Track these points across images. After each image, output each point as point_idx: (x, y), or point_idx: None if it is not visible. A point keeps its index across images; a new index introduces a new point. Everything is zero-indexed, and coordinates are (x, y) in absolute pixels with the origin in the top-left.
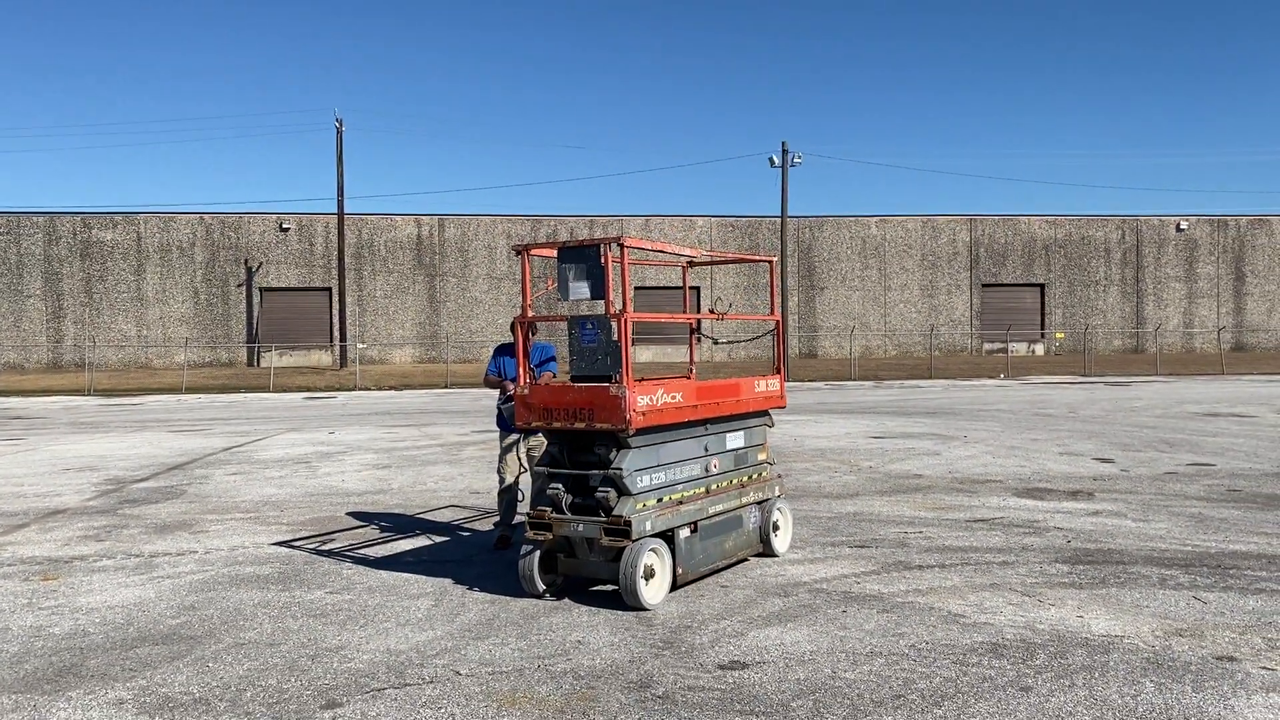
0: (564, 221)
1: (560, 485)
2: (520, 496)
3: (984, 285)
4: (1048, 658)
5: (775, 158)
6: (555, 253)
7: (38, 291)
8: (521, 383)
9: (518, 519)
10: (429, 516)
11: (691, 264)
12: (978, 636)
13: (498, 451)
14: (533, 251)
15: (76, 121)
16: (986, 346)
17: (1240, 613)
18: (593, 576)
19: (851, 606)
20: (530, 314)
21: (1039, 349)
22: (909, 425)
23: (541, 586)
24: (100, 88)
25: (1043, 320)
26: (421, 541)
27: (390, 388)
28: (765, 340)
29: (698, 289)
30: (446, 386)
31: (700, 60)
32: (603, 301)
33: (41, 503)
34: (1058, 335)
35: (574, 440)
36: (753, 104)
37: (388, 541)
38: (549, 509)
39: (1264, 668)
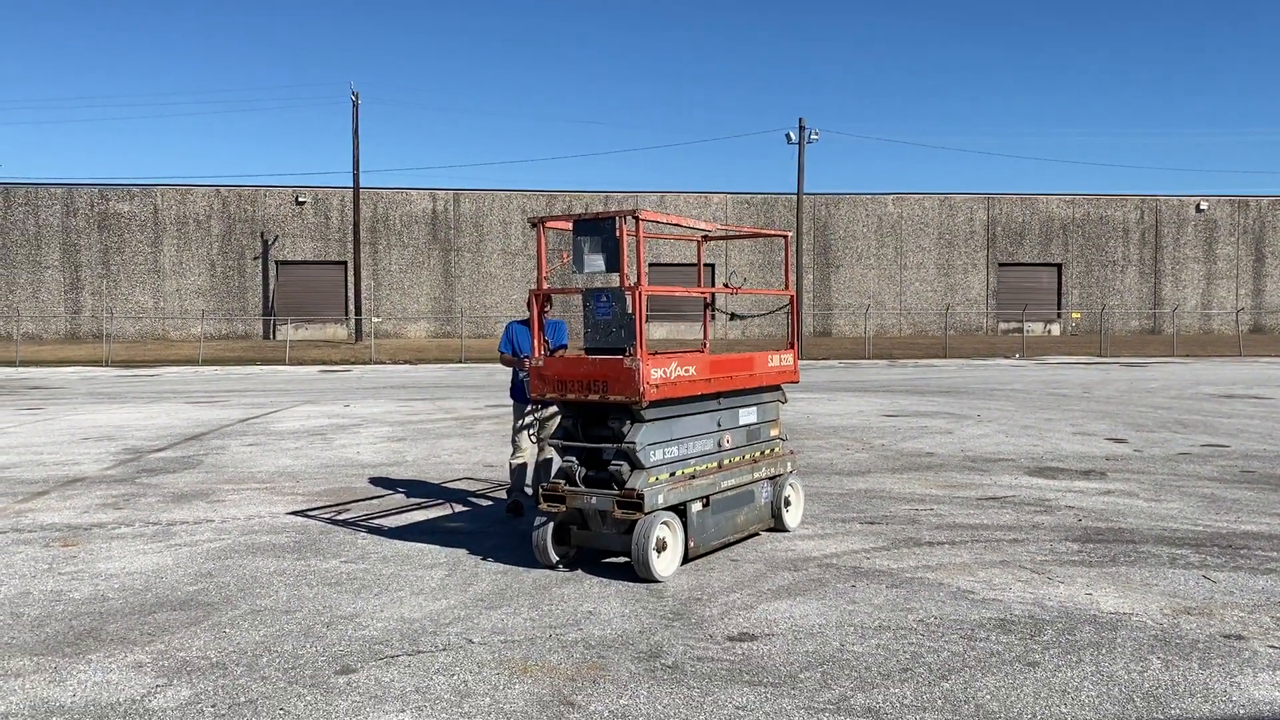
0: (579, 197)
1: (574, 458)
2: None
3: (1001, 264)
4: (1055, 634)
5: (792, 134)
6: (571, 225)
7: (55, 263)
8: (536, 355)
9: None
10: (443, 488)
11: (706, 238)
12: (986, 612)
13: (511, 425)
14: (548, 224)
15: (94, 94)
16: (1002, 326)
17: (1249, 592)
18: (605, 548)
19: (861, 581)
20: (545, 286)
21: (1055, 329)
22: (922, 404)
23: (554, 558)
24: (118, 61)
25: (1059, 300)
26: (435, 513)
27: (405, 362)
28: (780, 318)
29: (712, 266)
30: (461, 361)
31: (718, 36)
32: (617, 275)
33: (61, 471)
34: (1074, 315)
35: (588, 414)
36: (770, 80)
37: (402, 512)
38: (563, 481)
39: (1271, 646)
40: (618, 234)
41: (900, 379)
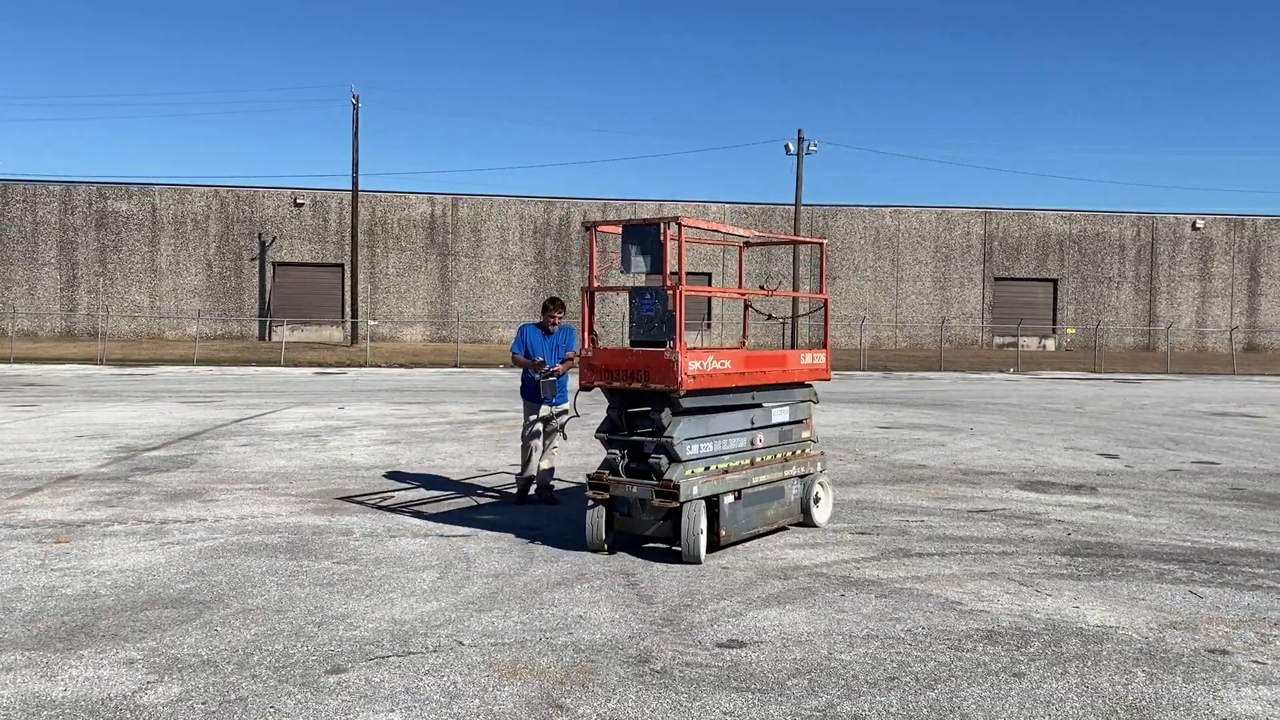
0: (577, 204)
1: (618, 451)
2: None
3: (997, 279)
4: (1042, 646)
5: (791, 145)
6: (620, 230)
7: (52, 260)
8: (585, 346)
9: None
10: (435, 492)
11: (748, 244)
12: (974, 623)
13: (507, 431)
14: (600, 228)
15: (94, 92)
16: (997, 340)
17: (1235, 608)
18: (645, 534)
19: (850, 591)
20: (596, 284)
21: (1050, 344)
22: (916, 416)
23: (604, 539)
24: (118, 60)
25: (1054, 315)
26: (427, 516)
27: (400, 365)
28: (775, 329)
29: (709, 275)
30: (456, 365)
31: (717, 46)
32: (660, 275)
33: (55, 468)
34: (1069, 331)
35: (632, 407)
36: (769, 91)
37: (394, 514)
38: (607, 471)
39: (1255, 661)
40: (662, 239)
41: (894, 391)
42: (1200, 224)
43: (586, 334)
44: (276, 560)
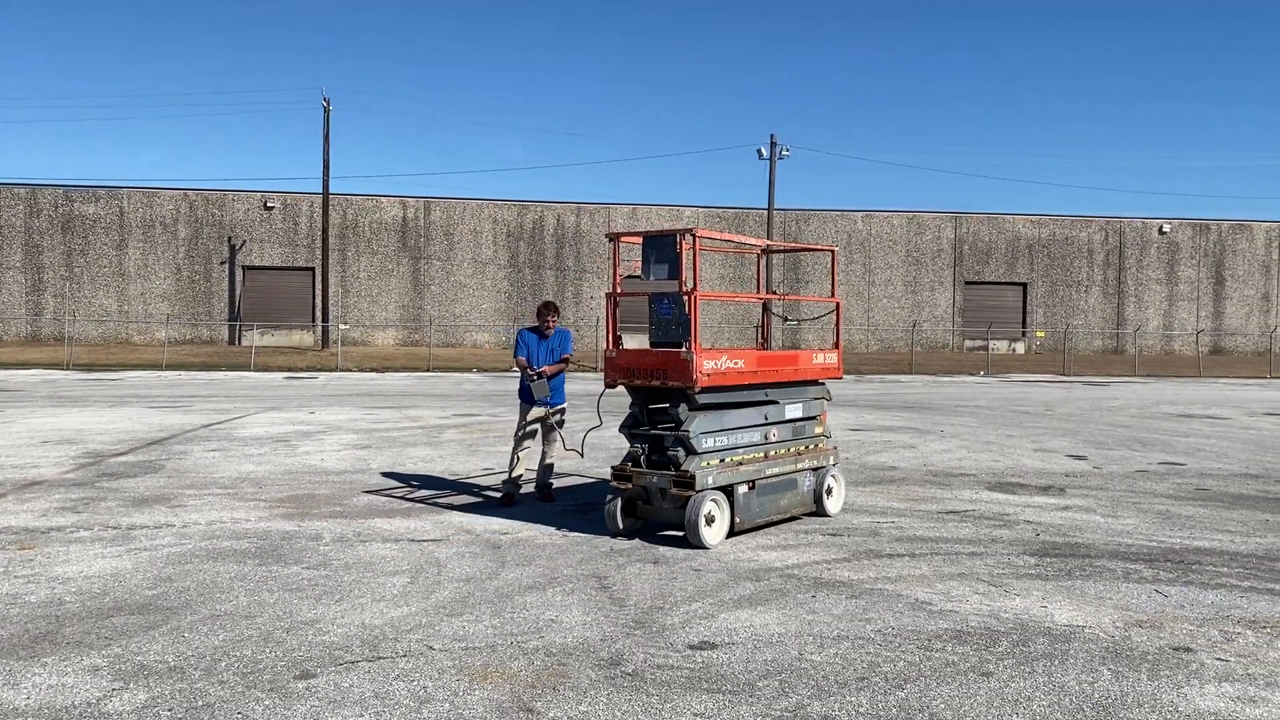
0: (550, 208)
1: (641, 445)
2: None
3: (967, 282)
4: (1010, 645)
5: (764, 150)
6: (640, 240)
7: (17, 264)
8: (609, 349)
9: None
10: (407, 497)
11: (767, 251)
12: (943, 623)
13: (479, 435)
14: (623, 239)
15: (60, 94)
16: (968, 343)
17: (1199, 606)
18: (665, 521)
19: (821, 592)
20: (620, 291)
21: (1020, 347)
22: (887, 419)
23: (621, 526)
24: (84, 61)
25: (1024, 319)
26: (398, 520)
27: (372, 369)
28: (750, 334)
29: None
30: (429, 370)
31: (690, 51)
32: (677, 281)
33: (19, 474)
34: (1039, 334)
35: (652, 403)
36: (741, 96)
37: (365, 519)
38: (630, 463)
39: (1218, 659)
40: (678, 248)
41: (866, 394)
42: (1167, 228)
43: (610, 336)
44: (245, 566)
